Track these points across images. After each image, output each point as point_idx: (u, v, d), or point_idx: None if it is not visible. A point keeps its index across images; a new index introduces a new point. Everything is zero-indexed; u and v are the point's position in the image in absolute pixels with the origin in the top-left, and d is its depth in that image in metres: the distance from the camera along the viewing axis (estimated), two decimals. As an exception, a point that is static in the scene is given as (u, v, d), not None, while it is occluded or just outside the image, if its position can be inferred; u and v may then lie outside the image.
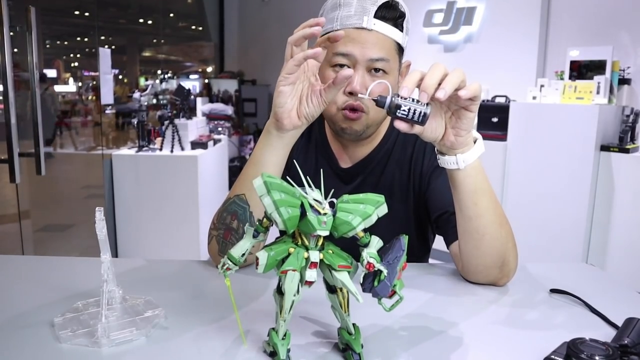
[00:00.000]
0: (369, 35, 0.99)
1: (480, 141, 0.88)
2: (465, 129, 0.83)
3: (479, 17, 4.37)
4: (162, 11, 7.45)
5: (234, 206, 0.96)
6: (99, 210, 0.70)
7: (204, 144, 3.69)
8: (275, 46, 6.57)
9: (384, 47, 1.00)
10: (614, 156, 3.07)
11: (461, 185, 0.87)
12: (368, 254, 0.61)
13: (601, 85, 3.20)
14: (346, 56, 0.99)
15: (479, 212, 0.88)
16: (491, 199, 0.89)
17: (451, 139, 0.84)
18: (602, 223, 3.15)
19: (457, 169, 0.86)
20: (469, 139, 0.85)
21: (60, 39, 5.53)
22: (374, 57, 0.99)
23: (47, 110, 4.34)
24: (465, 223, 0.91)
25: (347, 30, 0.98)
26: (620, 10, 3.65)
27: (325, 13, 1.04)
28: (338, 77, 0.85)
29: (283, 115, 0.90)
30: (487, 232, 0.89)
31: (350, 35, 0.98)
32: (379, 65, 1.00)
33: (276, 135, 0.93)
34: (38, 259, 1.06)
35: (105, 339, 0.68)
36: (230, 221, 0.96)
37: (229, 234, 0.96)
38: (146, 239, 3.52)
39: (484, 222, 0.89)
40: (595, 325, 0.78)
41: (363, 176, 1.15)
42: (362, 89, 0.99)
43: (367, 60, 0.99)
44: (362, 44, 0.98)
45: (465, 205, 0.89)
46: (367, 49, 0.98)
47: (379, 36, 0.99)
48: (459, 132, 0.83)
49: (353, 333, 0.65)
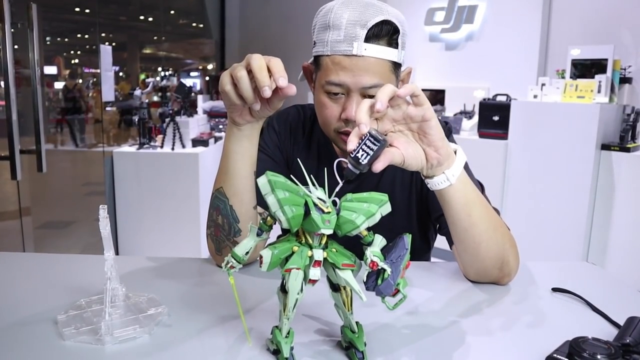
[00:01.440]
0: (360, 62, 0.94)
1: (460, 150, 0.86)
2: (438, 139, 0.80)
3: (480, 16, 4.36)
4: (163, 8, 7.44)
5: (216, 201, 0.97)
6: (103, 208, 0.70)
7: (204, 141, 3.69)
8: (276, 44, 6.56)
9: (376, 72, 0.96)
10: (615, 155, 3.07)
11: (452, 200, 0.85)
12: (372, 253, 0.61)
13: (602, 84, 3.19)
14: (339, 85, 0.97)
15: (473, 222, 0.87)
16: (482, 206, 0.89)
17: (434, 156, 0.81)
18: (602, 222, 3.15)
19: (449, 185, 0.83)
20: (449, 149, 0.83)
21: (61, 36, 5.52)
22: (366, 85, 0.95)
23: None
24: (460, 234, 0.90)
25: (338, 58, 0.96)
26: (622, 9, 3.64)
27: (316, 31, 1.01)
28: (283, 91, 0.82)
29: (234, 115, 0.91)
30: (483, 240, 0.88)
31: (341, 63, 0.95)
32: (373, 92, 0.94)
33: (234, 128, 0.94)
34: (40, 256, 1.06)
35: (109, 336, 0.68)
36: (215, 217, 0.97)
37: (218, 231, 0.97)
38: (147, 236, 3.52)
39: (479, 230, 0.88)
40: (597, 324, 0.79)
41: (364, 177, 1.15)
42: None
43: (359, 88, 0.96)
44: (353, 72, 0.95)
45: (459, 218, 0.87)
46: (359, 77, 0.95)
47: (370, 61, 0.95)
48: (435, 145, 0.80)
49: (356, 331, 0.65)
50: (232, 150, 0.95)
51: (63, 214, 3.84)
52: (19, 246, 2.73)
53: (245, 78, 0.81)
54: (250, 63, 0.80)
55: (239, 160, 0.95)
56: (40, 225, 3.46)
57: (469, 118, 3.98)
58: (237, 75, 0.81)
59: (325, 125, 1.04)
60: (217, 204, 0.97)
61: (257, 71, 0.79)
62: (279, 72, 0.79)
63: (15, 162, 2.02)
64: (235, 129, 0.94)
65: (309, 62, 1.09)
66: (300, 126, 1.21)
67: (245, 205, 0.96)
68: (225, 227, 0.95)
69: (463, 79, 4.46)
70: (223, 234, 0.96)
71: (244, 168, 0.95)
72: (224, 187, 0.95)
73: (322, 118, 1.04)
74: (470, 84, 4.32)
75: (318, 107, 1.04)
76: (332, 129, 1.03)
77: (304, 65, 1.11)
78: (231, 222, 0.95)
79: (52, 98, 4.37)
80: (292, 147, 1.20)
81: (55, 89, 4.41)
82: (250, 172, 0.97)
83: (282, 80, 0.79)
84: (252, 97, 0.82)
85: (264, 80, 0.78)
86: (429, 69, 4.70)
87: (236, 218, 0.94)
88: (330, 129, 1.03)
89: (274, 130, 1.20)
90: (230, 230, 0.95)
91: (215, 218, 0.97)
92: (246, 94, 0.82)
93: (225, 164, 0.96)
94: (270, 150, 1.18)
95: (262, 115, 0.93)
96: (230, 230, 0.95)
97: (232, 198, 0.95)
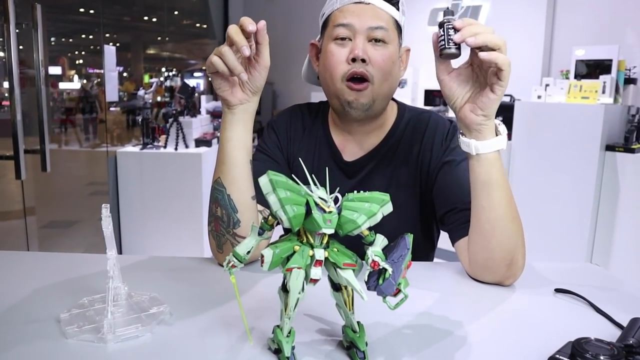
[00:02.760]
0: (367, 8, 1.05)
1: (503, 137, 0.89)
2: (482, 109, 0.86)
3: (484, 16, 4.36)
4: (167, 9, 7.46)
5: (215, 192, 0.98)
6: (105, 207, 0.71)
7: (208, 141, 3.70)
8: (280, 45, 6.57)
9: (381, 17, 1.05)
10: (619, 156, 3.06)
11: (474, 173, 0.90)
12: (373, 252, 0.61)
13: (607, 85, 3.19)
14: (346, 26, 1.04)
15: (492, 204, 0.90)
16: (505, 194, 0.91)
17: (468, 115, 0.87)
18: (606, 223, 3.14)
19: (471, 155, 0.89)
20: (486, 127, 0.87)
21: (65, 36, 5.54)
22: (372, 25, 1.04)
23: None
24: (478, 212, 0.92)
25: (346, 6, 1.06)
26: (626, 10, 3.63)
27: (325, 5, 1.10)
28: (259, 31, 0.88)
29: (225, 93, 0.93)
30: (498, 225, 0.90)
31: (349, 9, 1.05)
32: (379, 34, 1.04)
33: (228, 112, 0.96)
34: (44, 255, 1.07)
35: (111, 335, 0.68)
36: (214, 210, 0.98)
37: (218, 225, 0.97)
38: (150, 236, 3.53)
39: (496, 214, 0.90)
40: (600, 325, 0.78)
41: (367, 170, 1.14)
42: (363, 54, 1.03)
43: (366, 28, 1.04)
44: (360, 15, 1.04)
45: (479, 194, 0.91)
46: (365, 19, 1.04)
47: (375, 9, 1.05)
48: (475, 110, 0.86)
49: (357, 331, 0.65)
50: (227, 138, 0.96)
51: (67, 213, 3.86)
52: (23, 245, 2.74)
53: (229, 51, 0.87)
54: (227, 34, 0.87)
55: (234, 147, 0.96)
56: (45, 225, 3.47)
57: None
58: (222, 51, 0.87)
59: (333, 75, 1.07)
60: (215, 195, 0.97)
61: (233, 35, 0.85)
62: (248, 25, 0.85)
63: (19, 161, 2.02)
64: (229, 113, 0.95)
65: (316, 39, 1.15)
66: (300, 123, 1.22)
67: (243, 194, 0.96)
68: (224, 218, 0.95)
69: (467, 80, 4.45)
70: (222, 226, 0.96)
71: (240, 155, 0.96)
72: (221, 177, 0.96)
73: (330, 67, 1.07)
74: (474, 84, 4.30)
75: (326, 58, 1.09)
76: (339, 78, 1.06)
77: (312, 42, 1.17)
78: (230, 212, 0.95)
79: (57, 98, 4.39)
80: (292, 144, 1.20)
81: (60, 88, 4.42)
82: (247, 159, 0.98)
83: (251, 26, 0.85)
84: (238, 67, 0.87)
85: (242, 41, 0.85)
86: (432, 70, 4.69)
87: (234, 208, 0.95)
88: (338, 77, 1.06)
89: (274, 130, 1.21)
90: (229, 222, 0.95)
91: (214, 211, 0.98)
92: (232, 64, 0.86)
93: (222, 153, 0.97)
94: (270, 151, 1.18)
95: (253, 88, 0.95)
96: (230, 221, 0.95)
97: (230, 187, 0.95)
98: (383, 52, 1.05)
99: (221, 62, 0.87)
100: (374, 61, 1.04)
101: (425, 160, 1.12)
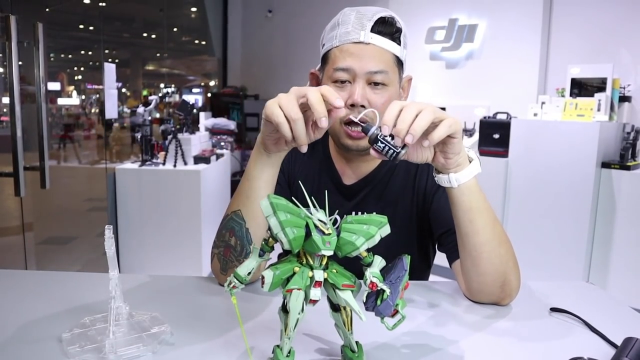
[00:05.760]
0: (367, 49, 1.02)
1: (476, 162, 0.90)
2: (453, 153, 0.86)
3: (480, 34, 4.41)
4: (166, 25, 7.52)
5: (231, 222, 0.97)
6: (109, 228, 0.72)
7: (206, 158, 3.71)
8: (278, 62, 6.62)
9: (382, 59, 1.02)
10: (615, 173, 3.09)
11: (456, 203, 0.91)
12: (371, 274, 0.62)
13: (602, 103, 3.22)
14: (346, 70, 1.02)
15: (475, 230, 0.90)
16: (488, 218, 0.91)
17: (441, 161, 0.88)
18: (603, 240, 3.16)
19: (451, 187, 0.89)
20: (460, 159, 0.88)
21: (64, 52, 5.58)
22: (372, 69, 1.01)
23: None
24: (462, 239, 0.93)
25: (345, 46, 1.02)
26: (621, 29, 3.68)
27: (325, 35, 1.09)
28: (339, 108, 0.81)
29: (269, 142, 0.91)
30: (484, 250, 0.91)
31: (348, 50, 1.02)
32: (378, 78, 1.02)
33: (264, 154, 0.94)
34: (46, 274, 1.07)
35: (113, 354, 0.69)
36: (228, 238, 0.98)
37: (229, 252, 0.97)
38: (148, 253, 3.52)
39: (481, 239, 0.90)
40: (595, 344, 0.79)
41: (365, 192, 1.16)
42: (362, 100, 1.01)
43: (365, 73, 1.01)
44: (360, 57, 1.01)
45: (462, 222, 0.91)
46: (365, 62, 1.01)
47: (376, 49, 1.02)
48: (447, 156, 0.87)
49: (356, 351, 0.66)
50: (255, 177, 0.95)
51: (65, 229, 3.85)
52: (21, 261, 2.74)
53: (301, 120, 0.80)
54: (308, 97, 0.80)
55: (262, 186, 0.95)
56: (43, 241, 3.47)
57: (469, 136, 4.00)
58: (294, 118, 0.80)
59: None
60: (232, 225, 0.97)
61: (315, 104, 0.79)
62: (335, 100, 0.79)
63: (19, 179, 2.03)
64: (265, 155, 0.94)
65: (316, 69, 1.14)
66: None
67: (261, 229, 0.97)
68: (237, 248, 0.96)
69: (463, 97, 4.50)
70: (234, 254, 0.96)
71: (265, 194, 0.96)
72: (242, 211, 0.96)
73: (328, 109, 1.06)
74: (470, 102, 4.35)
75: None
76: (337, 120, 1.05)
77: (312, 72, 1.15)
78: (245, 244, 0.95)
79: (55, 113, 4.41)
80: (294, 165, 1.21)
81: (59, 104, 4.45)
82: None
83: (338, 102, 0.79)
84: (303, 139, 0.82)
85: (323, 111, 0.79)
86: (429, 87, 4.74)
87: (250, 240, 0.95)
88: (336, 121, 1.05)
89: None
90: (242, 252, 0.96)
91: (227, 239, 0.97)
92: (298, 134, 0.81)
93: (247, 188, 0.96)
94: None
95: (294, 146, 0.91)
96: (242, 252, 0.96)
97: (251, 221, 0.95)
98: (383, 94, 1.03)
99: (288, 128, 0.80)
100: (374, 105, 1.02)
101: (422, 182, 1.14)
